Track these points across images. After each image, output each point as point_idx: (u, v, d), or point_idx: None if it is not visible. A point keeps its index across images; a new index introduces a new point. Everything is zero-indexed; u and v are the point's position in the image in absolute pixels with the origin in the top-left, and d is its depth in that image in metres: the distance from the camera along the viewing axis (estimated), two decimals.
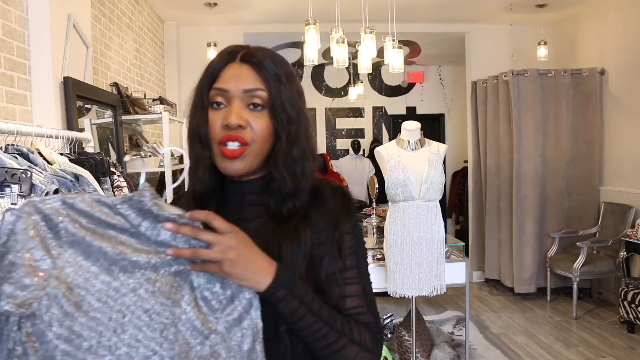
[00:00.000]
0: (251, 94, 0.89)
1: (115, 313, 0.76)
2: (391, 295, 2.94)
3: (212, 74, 0.94)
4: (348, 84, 7.56)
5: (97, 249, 0.77)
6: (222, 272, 0.78)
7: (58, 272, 0.75)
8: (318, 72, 7.98)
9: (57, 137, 1.62)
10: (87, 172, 1.52)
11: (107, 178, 1.69)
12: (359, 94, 7.30)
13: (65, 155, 1.62)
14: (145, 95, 3.53)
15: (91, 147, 2.02)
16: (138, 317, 0.76)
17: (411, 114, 8.03)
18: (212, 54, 4.90)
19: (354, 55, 4.75)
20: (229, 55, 0.96)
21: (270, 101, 0.89)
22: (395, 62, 3.85)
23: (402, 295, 2.93)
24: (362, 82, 7.34)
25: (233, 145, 0.87)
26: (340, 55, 3.52)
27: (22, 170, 1.20)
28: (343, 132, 8.13)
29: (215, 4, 4.74)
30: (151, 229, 0.79)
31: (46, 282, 0.75)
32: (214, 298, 0.79)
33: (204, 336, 0.78)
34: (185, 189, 1.01)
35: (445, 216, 5.27)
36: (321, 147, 7.95)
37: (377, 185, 4.06)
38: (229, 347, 0.79)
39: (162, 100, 3.44)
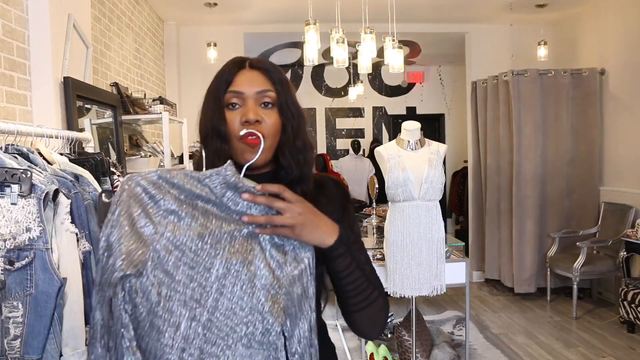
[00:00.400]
0: (263, 94, 1.04)
1: (206, 271, 0.89)
2: (391, 295, 2.94)
3: (226, 80, 1.07)
4: (348, 84, 7.57)
5: (190, 217, 0.90)
6: (293, 235, 0.93)
7: (159, 237, 0.88)
8: (318, 72, 7.98)
9: (57, 137, 1.63)
10: (87, 172, 1.52)
11: (107, 178, 1.69)
12: (359, 94, 7.30)
13: (65, 155, 1.62)
14: (145, 95, 3.53)
15: (91, 147, 2.02)
16: (223, 275, 0.90)
17: (411, 114, 8.04)
18: (212, 54, 4.91)
19: (354, 55, 4.75)
20: (239, 64, 1.09)
21: (279, 100, 1.05)
22: (395, 62, 3.85)
23: (402, 295, 2.93)
24: (362, 82, 7.34)
25: (253, 138, 1.02)
26: (340, 55, 3.52)
27: (22, 170, 1.21)
28: (343, 132, 8.13)
29: (216, 4, 4.74)
30: (233, 200, 0.92)
31: (150, 246, 0.88)
32: (280, 257, 0.93)
33: (274, 290, 0.91)
34: None
35: (445, 216, 5.28)
36: (321, 147, 7.96)
37: (377, 185, 4.06)
38: (292, 299, 0.91)
39: (162, 100, 3.44)
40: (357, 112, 8.16)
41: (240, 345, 0.90)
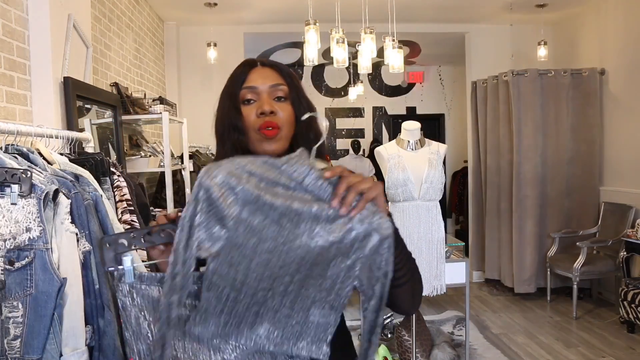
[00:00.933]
0: (276, 88, 1.10)
1: (284, 255, 0.92)
2: None
3: (240, 78, 1.13)
4: (348, 84, 7.57)
5: (268, 205, 0.91)
6: (377, 206, 0.94)
7: (237, 224, 0.91)
8: (318, 72, 7.99)
9: (57, 137, 1.63)
10: (87, 172, 1.52)
11: (107, 178, 1.69)
12: (359, 94, 7.31)
13: (65, 155, 1.62)
14: (145, 95, 3.53)
15: (91, 147, 2.02)
16: (302, 257, 0.92)
17: (411, 114, 8.04)
18: (212, 54, 4.91)
19: (354, 55, 4.75)
20: (251, 63, 1.15)
21: (290, 93, 1.11)
22: (395, 62, 3.85)
23: None
24: (362, 82, 7.34)
25: (270, 129, 1.08)
26: (340, 55, 3.52)
27: (22, 170, 1.21)
28: (343, 132, 8.13)
29: (215, 4, 4.74)
30: (313, 183, 0.94)
31: (229, 232, 0.91)
32: (356, 237, 0.95)
33: (348, 267, 0.94)
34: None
35: (445, 216, 5.27)
36: None
37: None
38: (370, 276, 0.95)
39: (162, 100, 3.44)
40: (357, 112, 8.17)
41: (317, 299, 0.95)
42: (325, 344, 0.96)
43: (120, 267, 0.92)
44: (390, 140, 6.58)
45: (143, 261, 1.00)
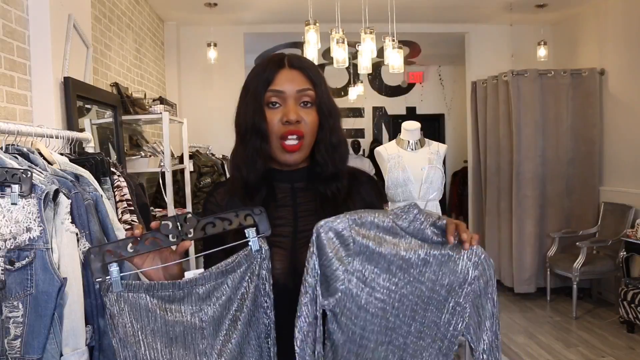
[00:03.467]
0: (303, 93, 1.06)
1: (397, 303, 0.98)
2: None
3: (266, 78, 1.07)
4: (348, 84, 7.57)
5: (378, 254, 0.96)
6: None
7: (350, 277, 0.96)
8: None
9: (57, 137, 1.63)
10: (87, 172, 1.52)
11: (108, 178, 1.69)
12: (359, 94, 7.31)
13: (66, 155, 1.62)
14: (145, 95, 3.54)
15: (91, 147, 2.02)
16: (415, 303, 0.98)
17: (411, 114, 8.04)
18: (212, 54, 4.91)
19: (354, 55, 4.75)
20: (278, 62, 1.09)
21: (317, 99, 1.08)
22: (395, 62, 3.85)
23: None
24: (362, 82, 7.35)
25: (292, 140, 1.05)
26: (340, 55, 3.53)
27: (22, 170, 1.21)
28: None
29: (216, 4, 4.74)
30: (418, 230, 0.98)
31: (344, 285, 0.96)
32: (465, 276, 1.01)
33: (461, 310, 1.02)
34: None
35: None
36: None
37: None
38: (477, 310, 1.03)
39: (162, 100, 3.44)
40: (357, 112, 8.17)
41: (431, 348, 1.02)
42: None
43: (107, 277, 0.92)
44: (390, 140, 6.59)
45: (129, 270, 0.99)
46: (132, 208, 1.68)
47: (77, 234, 1.27)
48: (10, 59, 2.11)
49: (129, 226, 1.61)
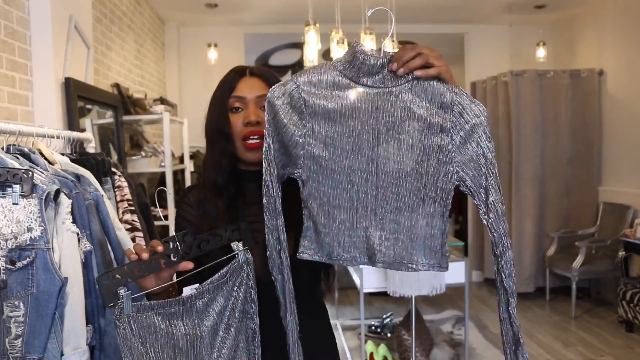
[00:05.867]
0: (262, 97, 1.13)
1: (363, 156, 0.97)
2: (391, 294, 2.96)
3: (229, 86, 1.18)
4: None
5: (333, 110, 0.97)
6: (442, 74, 0.98)
7: (309, 139, 0.97)
8: None
9: (58, 138, 1.63)
10: (88, 172, 1.53)
11: (108, 178, 1.69)
12: None
13: (67, 156, 1.63)
14: (146, 95, 3.55)
15: (92, 147, 2.02)
16: (379, 140, 0.97)
17: None
18: (212, 54, 4.91)
19: None
20: (240, 72, 1.20)
21: None
22: None
23: (402, 295, 2.94)
24: None
25: (254, 140, 1.14)
26: (340, 55, 3.53)
27: (23, 171, 1.21)
28: None
29: (216, 5, 4.75)
30: (369, 75, 0.97)
31: (304, 150, 0.98)
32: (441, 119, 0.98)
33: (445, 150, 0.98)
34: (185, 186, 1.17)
35: None
36: None
37: None
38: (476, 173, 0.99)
39: (162, 101, 3.45)
40: None
41: (417, 205, 0.98)
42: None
43: (119, 301, 0.97)
44: None
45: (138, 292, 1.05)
46: (133, 208, 1.69)
47: (78, 234, 1.28)
48: (11, 60, 2.12)
49: (129, 226, 1.62)
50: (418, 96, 0.98)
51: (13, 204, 1.19)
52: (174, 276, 1.08)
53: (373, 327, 3.89)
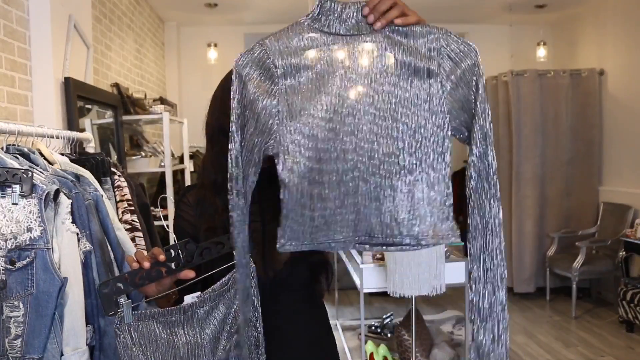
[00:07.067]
0: None
1: (348, 118, 0.85)
2: (391, 295, 2.95)
3: (231, 85, 1.11)
4: None
5: (306, 68, 0.85)
6: (421, 21, 0.89)
7: (283, 107, 0.86)
8: None
9: (58, 138, 1.63)
10: (88, 172, 1.53)
11: (108, 178, 1.69)
12: None
13: (66, 156, 1.63)
14: (145, 95, 3.54)
15: (92, 147, 2.02)
16: (369, 113, 0.85)
17: None
18: (212, 54, 4.91)
19: None
20: None
21: None
22: None
23: (402, 295, 2.93)
24: None
25: None
26: None
27: (23, 170, 1.21)
28: None
29: (216, 5, 4.75)
30: (340, 25, 0.87)
31: (278, 119, 0.86)
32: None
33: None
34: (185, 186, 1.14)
35: None
36: None
37: None
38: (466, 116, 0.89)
39: (162, 101, 3.45)
40: None
41: (414, 165, 0.86)
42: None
43: (119, 310, 0.97)
44: None
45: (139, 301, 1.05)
46: (133, 208, 1.69)
47: (77, 234, 1.28)
48: (11, 60, 2.12)
49: (129, 226, 1.62)
50: (398, 41, 0.88)
51: (13, 204, 1.19)
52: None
53: (373, 327, 3.88)
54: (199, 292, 1.02)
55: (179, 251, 1.03)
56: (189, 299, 1.01)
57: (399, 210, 0.85)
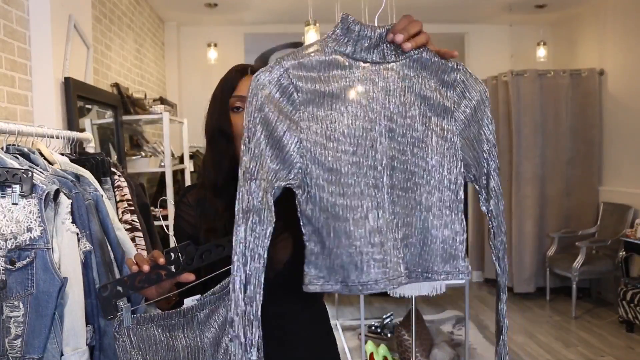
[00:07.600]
0: None
1: (371, 149, 0.81)
2: (391, 294, 2.94)
3: (230, 85, 1.15)
4: None
5: (330, 95, 0.82)
6: (429, 44, 0.93)
7: (305, 135, 0.80)
8: None
9: (58, 138, 1.63)
10: (88, 172, 1.53)
11: (108, 178, 1.69)
12: None
13: (66, 156, 1.62)
14: (145, 95, 3.54)
15: (92, 147, 2.02)
16: (390, 147, 0.83)
17: None
18: (212, 54, 4.91)
19: None
20: (242, 71, 1.17)
21: None
22: None
23: (402, 295, 2.92)
24: None
25: None
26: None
27: (23, 170, 1.21)
28: None
29: (216, 5, 4.74)
30: (368, 50, 0.85)
31: (302, 150, 0.80)
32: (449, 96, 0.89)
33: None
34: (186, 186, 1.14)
35: None
36: None
37: None
38: (470, 142, 0.89)
39: (162, 101, 3.45)
40: None
41: (430, 203, 0.85)
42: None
43: (118, 313, 0.97)
44: None
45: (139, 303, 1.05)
46: (133, 208, 1.69)
47: (77, 234, 1.28)
48: (10, 60, 2.12)
49: (129, 226, 1.62)
50: (419, 73, 0.88)
51: (13, 204, 1.19)
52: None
53: (373, 327, 3.88)
54: (199, 295, 1.02)
55: (179, 254, 1.02)
56: (189, 302, 1.00)
57: (413, 245, 0.88)
